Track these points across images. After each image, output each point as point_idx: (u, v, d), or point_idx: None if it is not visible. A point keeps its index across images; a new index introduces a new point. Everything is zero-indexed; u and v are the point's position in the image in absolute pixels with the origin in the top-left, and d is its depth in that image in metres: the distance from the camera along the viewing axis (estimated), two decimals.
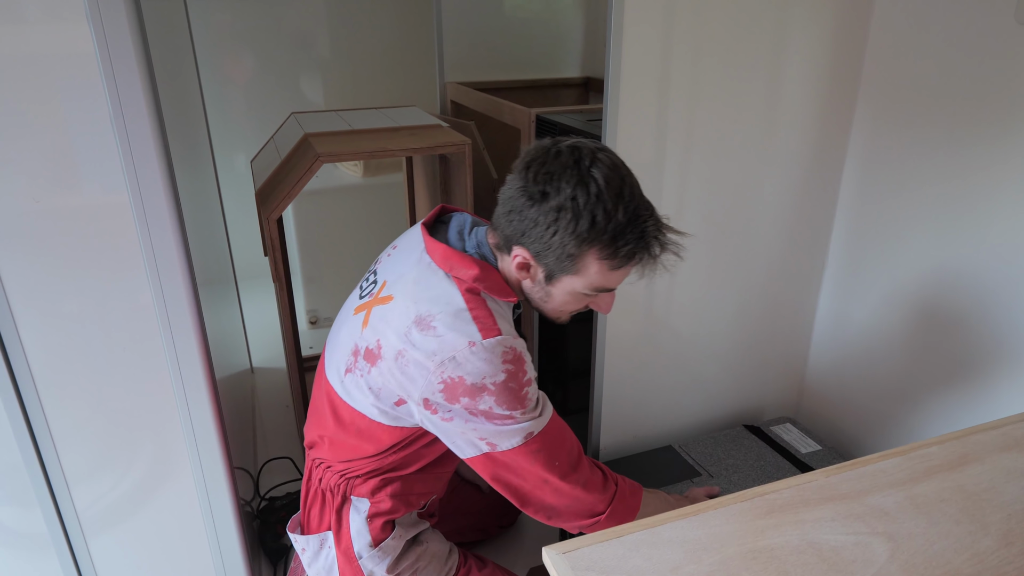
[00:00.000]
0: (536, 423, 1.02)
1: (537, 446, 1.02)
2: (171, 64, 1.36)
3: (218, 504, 1.22)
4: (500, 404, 0.98)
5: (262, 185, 1.73)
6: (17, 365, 1.03)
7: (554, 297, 1.04)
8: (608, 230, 0.93)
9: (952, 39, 1.32)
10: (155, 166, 0.98)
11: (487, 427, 1.00)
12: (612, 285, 1.01)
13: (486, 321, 0.98)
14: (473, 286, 1.01)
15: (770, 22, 1.36)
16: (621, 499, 1.11)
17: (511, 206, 0.97)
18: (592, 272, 0.97)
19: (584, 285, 0.99)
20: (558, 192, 0.92)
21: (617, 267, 0.97)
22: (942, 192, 1.39)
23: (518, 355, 0.99)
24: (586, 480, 1.07)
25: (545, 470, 1.03)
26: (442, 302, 0.99)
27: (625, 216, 0.93)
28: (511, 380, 0.98)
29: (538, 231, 0.95)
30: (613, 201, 0.92)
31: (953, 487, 0.80)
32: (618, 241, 0.94)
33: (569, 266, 0.97)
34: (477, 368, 0.96)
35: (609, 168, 0.93)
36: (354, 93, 3.06)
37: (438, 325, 0.98)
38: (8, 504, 1.12)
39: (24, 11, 0.89)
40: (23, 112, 0.92)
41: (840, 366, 1.71)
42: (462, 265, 1.02)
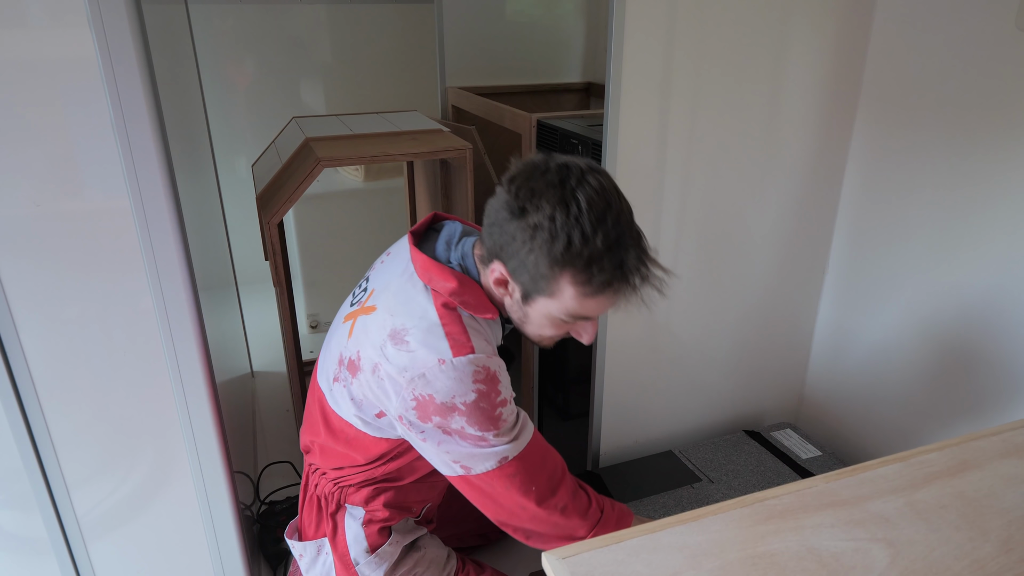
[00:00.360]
0: (512, 447, 0.99)
1: (512, 470, 0.99)
2: (172, 69, 1.36)
3: (218, 508, 1.21)
4: (472, 424, 0.95)
5: (263, 189, 1.73)
6: (17, 369, 1.03)
7: (531, 319, 1.00)
8: (583, 255, 0.88)
9: (952, 46, 1.32)
10: (156, 171, 0.98)
11: (460, 448, 0.97)
12: (589, 314, 0.96)
13: (458, 338, 0.94)
14: (449, 300, 0.98)
15: (771, 29, 1.36)
16: (604, 526, 1.08)
17: (493, 219, 0.94)
18: (566, 297, 0.92)
19: (559, 310, 0.94)
20: (537, 210, 0.88)
21: (591, 295, 0.91)
22: (943, 198, 1.39)
23: (491, 374, 0.95)
24: (565, 505, 1.04)
25: (521, 495, 1.00)
26: (416, 316, 0.97)
27: (604, 243, 0.87)
28: (482, 400, 0.94)
29: (515, 247, 0.91)
30: (593, 225, 0.87)
31: (953, 493, 0.79)
32: (593, 267, 0.88)
33: (544, 287, 0.92)
34: (446, 387, 0.93)
35: (595, 191, 0.88)
36: (355, 97, 3.07)
37: (411, 340, 0.95)
38: (8, 508, 1.12)
39: (26, 16, 0.89)
40: (25, 116, 0.92)
41: (840, 372, 1.70)
42: (441, 278, 0.98)
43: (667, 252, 1.47)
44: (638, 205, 1.39)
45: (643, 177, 1.38)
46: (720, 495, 1.45)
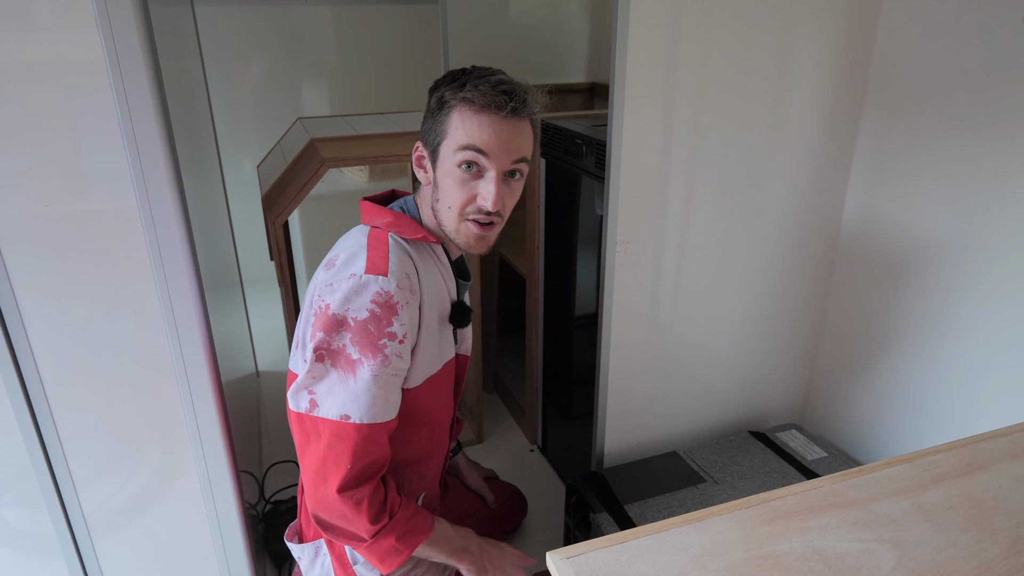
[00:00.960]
0: (364, 406, 0.99)
1: (346, 433, 0.99)
2: (179, 70, 1.37)
3: (223, 507, 1.22)
4: (354, 344, 0.98)
5: (268, 190, 1.73)
6: (26, 367, 1.04)
7: (441, 189, 1.06)
8: (462, 79, 1.03)
9: (959, 43, 1.32)
10: (163, 171, 0.99)
11: (325, 379, 1.00)
12: (474, 139, 1.01)
13: (376, 261, 1.01)
14: (382, 231, 1.07)
15: (776, 28, 1.36)
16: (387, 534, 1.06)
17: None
18: (455, 125, 1.02)
19: (453, 147, 1.03)
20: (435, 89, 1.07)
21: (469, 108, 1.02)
22: (948, 197, 1.39)
23: (391, 303, 0.99)
24: (361, 499, 1.02)
25: (335, 464, 1.00)
26: (348, 244, 1.07)
27: (480, 73, 1.05)
28: (372, 322, 0.98)
29: (424, 119, 1.08)
30: (474, 67, 1.06)
31: (961, 495, 0.79)
32: (468, 83, 1.02)
33: (440, 128, 1.04)
34: (345, 297, 0.98)
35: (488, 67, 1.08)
36: (360, 98, 3.07)
37: (338, 262, 1.04)
38: (16, 506, 1.13)
39: (35, 18, 0.90)
40: (33, 117, 0.93)
41: (846, 372, 1.70)
42: (378, 216, 1.10)
43: (671, 252, 1.47)
44: (642, 205, 1.39)
45: (647, 177, 1.37)
46: (725, 496, 1.44)
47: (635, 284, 1.46)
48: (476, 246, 1.08)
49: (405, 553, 1.07)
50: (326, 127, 1.93)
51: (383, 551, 1.06)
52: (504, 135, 1.02)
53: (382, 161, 1.69)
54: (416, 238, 1.08)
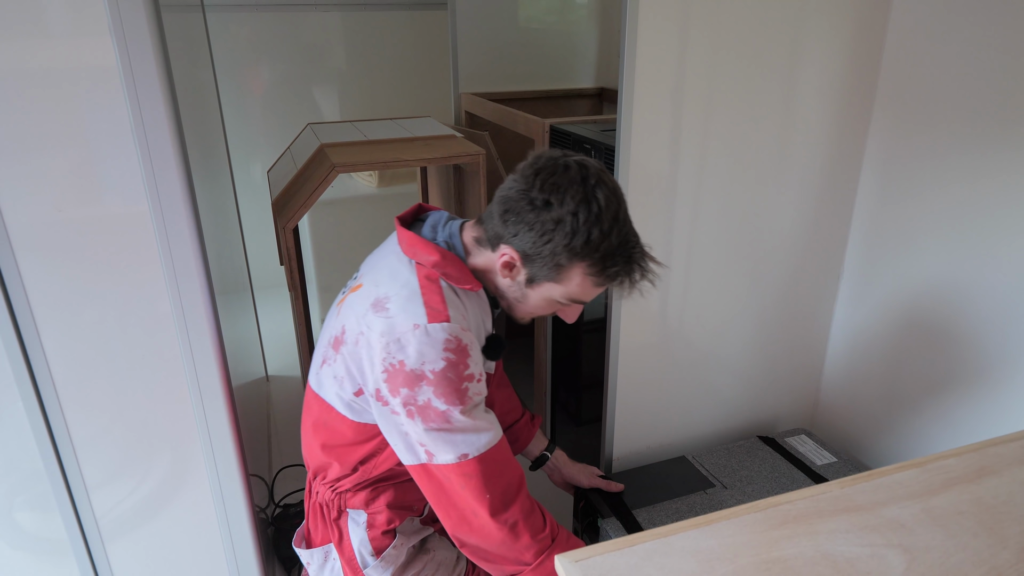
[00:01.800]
0: (474, 440, 1.00)
1: (471, 470, 1.01)
2: (191, 76, 1.38)
3: (233, 511, 1.23)
4: (439, 396, 0.97)
5: (278, 195, 1.75)
6: (39, 372, 1.05)
7: (529, 300, 1.07)
8: (601, 249, 0.97)
9: (969, 47, 1.31)
10: (175, 177, 1.00)
11: (425, 431, 0.99)
12: (587, 299, 1.05)
13: (436, 306, 0.99)
14: (432, 272, 1.03)
15: (785, 33, 1.36)
16: (552, 554, 1.07)
17: (509, 207, 1.00)
18: (574, 284, 1.01)
19: (562, 294, 1.03)
20: (561, 204, 0.96)
21: (600, 284, 1.02)
22: (959, 201, 1.38)
23: (462, 346, 0.99)
24: (516, 522, 1.04)
25: (475, 499, 1.01)
26: (398, 285, 1.02)
27: (618, 239, 0.98)
28: (450, 370, 0.98)
29: (533, 235, 0.98)
30: (610, 223, 0.97)
31: (971, 499, 0.79)
32: (607, 261, 0.99)
33: (554, 275, 1.01)
34: (418, 351, 0.96)
35: (611, 191, 0.98)
36: (369, 104, 3.09)
37: (391, 307, 1.00)
38: (29, 509, 1.14)
39: (49, 25, 0.91)
40: (47, 124, 0.94)
41: (856, 377, 1.69)
42: (425, 252, 1.04)
43: (680, 257, 1.47)
44: (651, 210, 1.39)
45: (656, 182, 1.38)
46: (734, 501, 1.44)
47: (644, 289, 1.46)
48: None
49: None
50: (336, 132, 1.95)
51: (547, 572, 1.07)
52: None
53: (392, 166, 1.70)
54: (462, 288, 1.05)
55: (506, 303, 1.11)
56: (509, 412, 1.40)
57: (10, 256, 0.98)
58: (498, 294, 1.10)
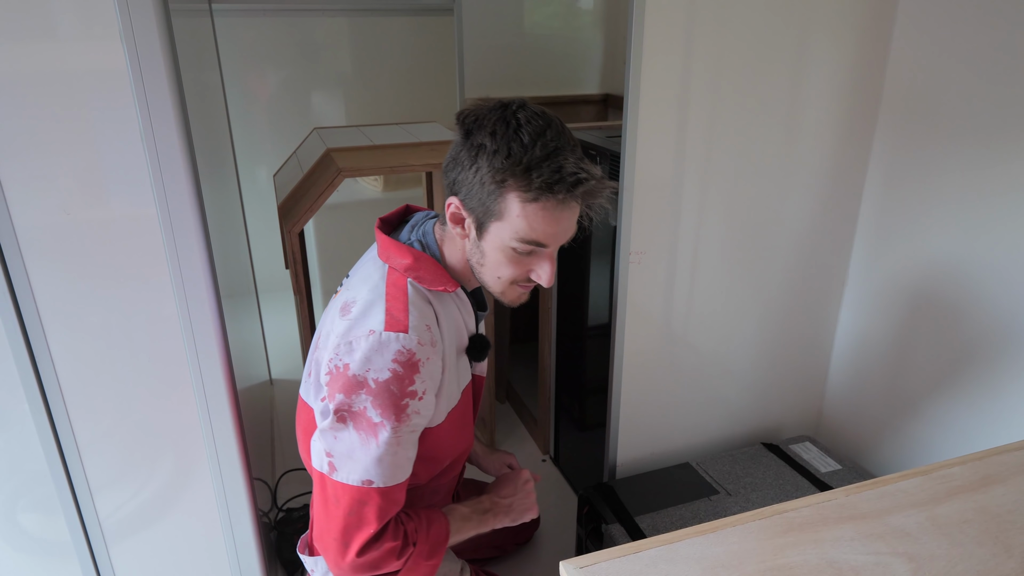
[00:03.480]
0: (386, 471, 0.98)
1: (368, 499, 0.98)
2: (199, 80, 1.39)
3: (237, 514, 1.23)
4: (376, 407, 0.94)
5: (285, 199, 1.75)
6: (44, 373, 1.05)
7: (487, 257, 1.00)
8: (523, 161, 0.91)
9: (973, 55, 1.31)
10: (183, 180, 1.00)
11: (344, 441, 0.96)
12: (538, 235, 0.95)
13: (396, 315, 0.96)
14: (400, 278, 1.01)
15: (790, 40, 1.37)
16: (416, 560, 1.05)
17: (448, 159, 0.99)
18: (514, 214, 0.94)
19: (511, 234, 0.95)
20: (480, 128, 0.94)
21: (533, 200, 0.93)
22: (965, 208, 1.38)
23: (413, 361, 0.95)
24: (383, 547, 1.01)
25: (356, 527, 0.99)
26: (366, 289, 1.01)
27: (543, 151, 0.92)
28: (395, 382, 0.94)
29: (464, 173, 0.96)
30: (531, 136, 0.92)
31: (976, 508, 0.78)
32: (532, 172, 0.91)
33: (492, 207, 0.94)
34: (365, 357, 0.94)
35: (536, 113, 0.94)
36: (375, 108, 3.10)
37: (354, 310, 0.99)
38: (32, 511, 1.14)
39: (61, 29, 0.92)
40: (57, 127, 0.95)
41: (860, 384, 1.69)
42: (397, 255, 1.02)
43: (685, 263, 1.47)
44: (657, 216, 1.40)
45: (662, 188, 1.38)
46: (738, 508, 1.44)
47: (648, 294, 1.46)
48: (517, 303, 1.07)
49: (437, 560, 1.08)
50: (342, 137, 1.95)
51: (422, 571, 1.06)
52: (565, 222, 0.96)
53: (397, 171, 1.70)
54: (436, 290, 1.03)
55: (479, 277, 1.05)
56: None
57: (18, 257, 0.98)
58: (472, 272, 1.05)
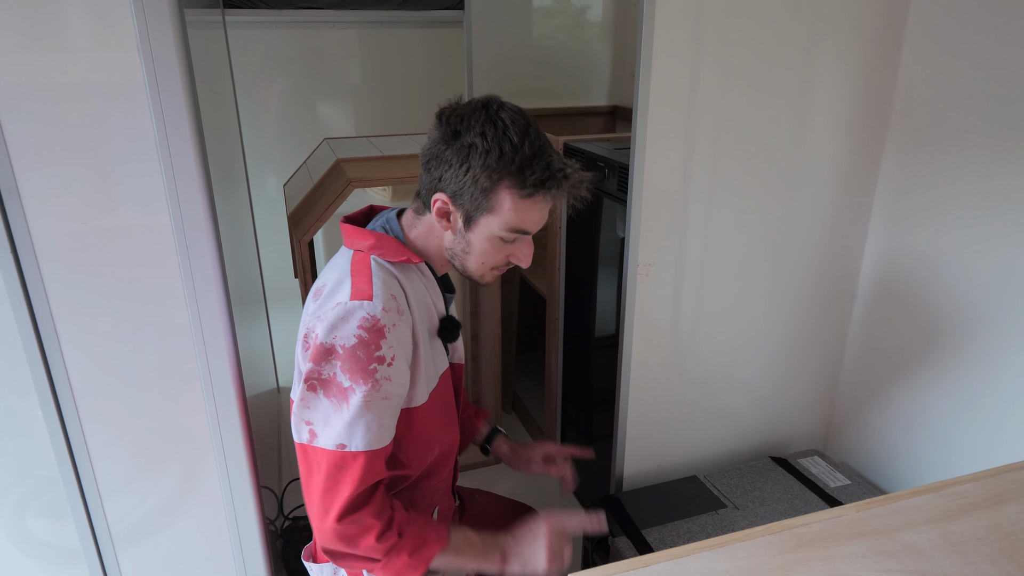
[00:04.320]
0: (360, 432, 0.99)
1: (345, 462, 1.00)
2: (212, 91, 1.41)
3: (244, 522, 1.23)
4: (344, 372, 0.98)
5: (295, 208, 1.76)
6: (58, 379, 1.06)
7: (474, 246, 1.06)
8: (516, 160, 0.98)
9: (985, 64, 1.31)
10: (196, 189, 1.01)
11: (319, 407, 1.00)
12: (526, 224, 1.03)
13: (360, 286, 1.01)
14: (364, 256, 1.06)
15: (799, 53, 1.37)
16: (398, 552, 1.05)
17: (429, 156, 1.04)
18: (506, 208, 1.01)
19: (500, 225, 1.02)
20: (469, 130, 0.99)
21: (527, 197, 1.00)
22: (975, 222, 1.38)
23: (378, 327, 0.99)
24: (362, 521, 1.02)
25: (332, 492, 1.00)
26: (334, 273, 1.06)
27: (531, 149, 0.99)
28: (361, 347, 0.98)
29: (453, 171, 1.01)
30: (519, 136, 0.98)
31: (989, 526, 0.78)
32: (526, 171, 0.98)
33: (484, 203, 1.01)
34: (331, 325, 0.98)
35: (515, 112, 1.00)
36: (385, 119, 3.12)
37: (324, 291, 1.03)
38: (43, 516, 1.15)
39: (78, 41, 0.93)
40: (74, 136, 0.96)
41: (870, 398, 1.68)
42: (361, 239, 1.08)
43: (693, 275, 1.47)
44: (665, 228, 1.40)
45: (670, 201, 1.38)
46: (745, 522, 1.43)
47: (656, 306, 1.46)
48: (492, 282, 1.13)
49: (420, 568, 1.06)
50: (352, 147, 1.97)
51: (397, 569, 1.06)
52: (547, 211, 1.05)
53: (407, 182, 1.71)
54: (400, 260, 1.08)
55: (459, 263, 1.10)
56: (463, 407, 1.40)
57: (34, 264, 1.00)
58: (449, 259, 1.10)
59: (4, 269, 0.99)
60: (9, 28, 0.90)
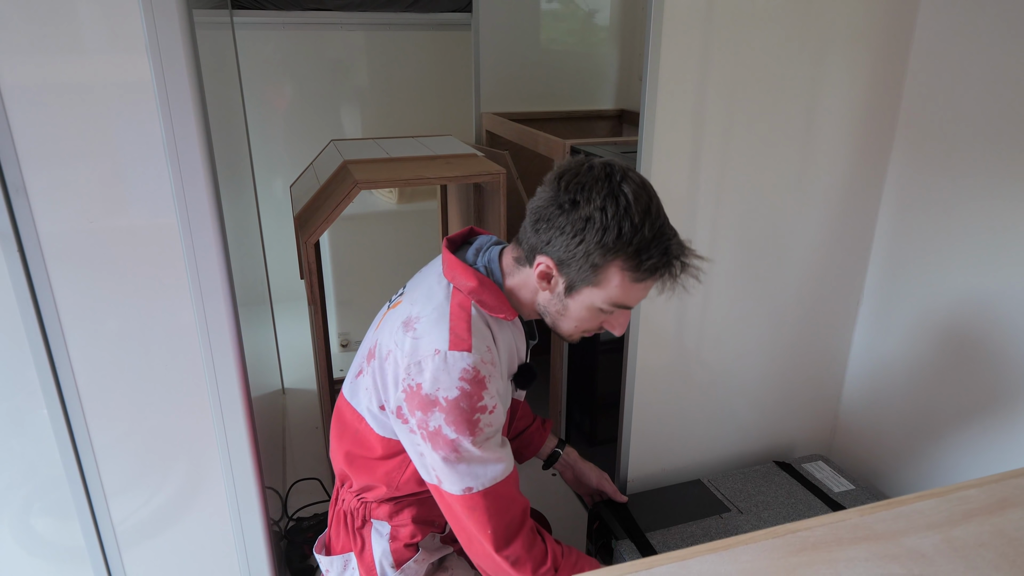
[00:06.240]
0: (480, 472, 1.00)
1: (474, 504, 1.01)
2: (220, 92, 1.41)
3: (249, 522, 1.23)
4: (449, 424, 0.97)
5: (301, 210, 1.77)
6: (64, 379, 1.07)
7: (571, 311, 1.03)
8: (634, 242, 0.94)
9: (991, 78, 1.31)
10: (203, 191, 1.02)
11: (435, 456, 0.99)
12: (630, 302, 1.01)
13: (460, 334, 0.99)
14: (465, 299, 1.03)
15: (807, 59, 1.37)
16: None
17: (540, 215, 0.99)
18: (613, 285, 0.98)
19: (603, 299, 1.00)
20: (588, 202, 0.94)
21: (638, 280, 0.98)
22: (980, 232, 1.37)
23: (479, 378, 0.98)
24: (518, 558, 1.04)
25: (479, 530, 1.02)
26: (431, 307, 1.02)
27: (651, 232, 0.95)
28: (464, 399, 0.97)
29: (564, 239, 0.96)
30: (640, 216, 0.94)
31: (993, 531, 0.78)
32: (642, 254, 0.95)
33: (591, 277, 0.97)
34: (434, 377, 0.96)
35: (638, 185, 0.96)
36: (391, 121, 3.13)
37: (419, 327, 1.01)
38: (48, 515, 1.15)
39: (88, 43, 0.94)
40: (82, 136, 0.97)
41: (874, 403, 1.67)
42: (463, 277, 1.04)
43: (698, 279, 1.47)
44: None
45: (676, 205, 1.38)
46: (749, 526, 1.42)
47: (662, 311, 1.46)
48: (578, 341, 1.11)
49: None
50: (358, 149, 1.97)
51: None
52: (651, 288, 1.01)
53: (413, 184, 1.72)
54: (498, 316, 1.05)
55: (550, 320, 1.08)
56: (521, 418, 1.40)
57: (40, 264, 1.00)
58: (541, 313, 1.08)
59: (11, 268, 0.99)
60: (18, 29, 0.91)
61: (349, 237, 2.65)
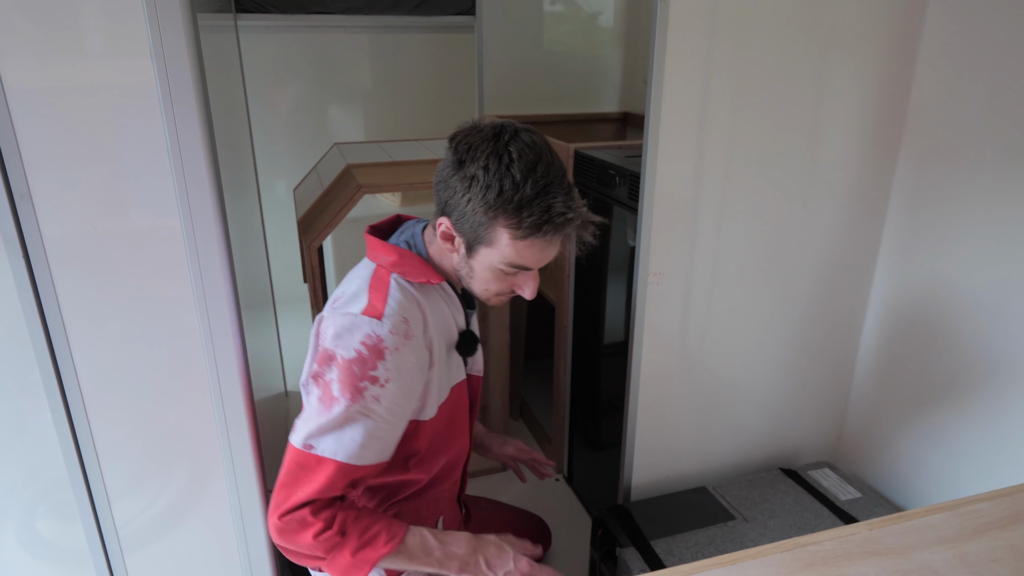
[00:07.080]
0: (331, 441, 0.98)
1: (305, 463, 0.99)
2: (224, 95, 1.41)
3: (251, 525, 1.23)
4: (337, 382, 0.98)
5: (304, 213, 1.77)
6: (67, 382, 1.06)
7: (476, 272, 1.05)
8: (515, 200, 0.94)
9: (1000, 78, 1.30)
10: (207, 193, 1.01)
11: (308, 405, 1.01)
12: (525, 262, 1.01)
13: (374, 303, 1.02)
14: (385, 272, 1.06)
15: (814, 60, 1.36)
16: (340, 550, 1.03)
17: (438, 178, 1.03)
18: (503, 244, 0.98)
19: (499, 259, 1.00)
20: (473, 160, 0.96)
21: (523, 238, 0.97)
22: (989, 233, 1.36)
23: (379, 348, 0.98)
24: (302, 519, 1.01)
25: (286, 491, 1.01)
26: (354, 283, 1.07)
27: (533, 189, 0.94)
28: (357, 363, 0.98)
29: (456, 198, 0.99)
30: (523, 173, 0.94)
31: (1005, 546, 0.77)
32: (522, 212, 0.95)
33: (482, 236, 0.99)
34: (336, 334, 0.99)
35: (527, 145, 0.96)
36: (395, 124, 3.12)
37: (339, 303, 1.05)
38: (51, 518, 1.15)
39: (91, 46, 0.93)
40: (85, 139, 0.96)
41: (881, 410, 1.66)
42: (384, 253, 1.08)
43: (703, 284, 1.46)
44: (676, 237, 1.39)
45: (681, 209, 1.37)
46: (755, 534, 1.41)
47: (666, 315, 1.45)
48: (499, 305, 1.13)
49: (364, 568, 1.04)
50: (362, 153, 1.97)
51: (341, 568, 1.04)
52: (550, 251, 1.02)
53: (416, 188, 1.71)
54: (420, 281, 1.07)
55: (465, 284, 1.10)
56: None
57: (44, 267, 1.00)
58: (459, 278, 1.10)
59: (15, 272, 0.99)
60: (22, 32, 0.91)
61: (353, 240, 2.64)
